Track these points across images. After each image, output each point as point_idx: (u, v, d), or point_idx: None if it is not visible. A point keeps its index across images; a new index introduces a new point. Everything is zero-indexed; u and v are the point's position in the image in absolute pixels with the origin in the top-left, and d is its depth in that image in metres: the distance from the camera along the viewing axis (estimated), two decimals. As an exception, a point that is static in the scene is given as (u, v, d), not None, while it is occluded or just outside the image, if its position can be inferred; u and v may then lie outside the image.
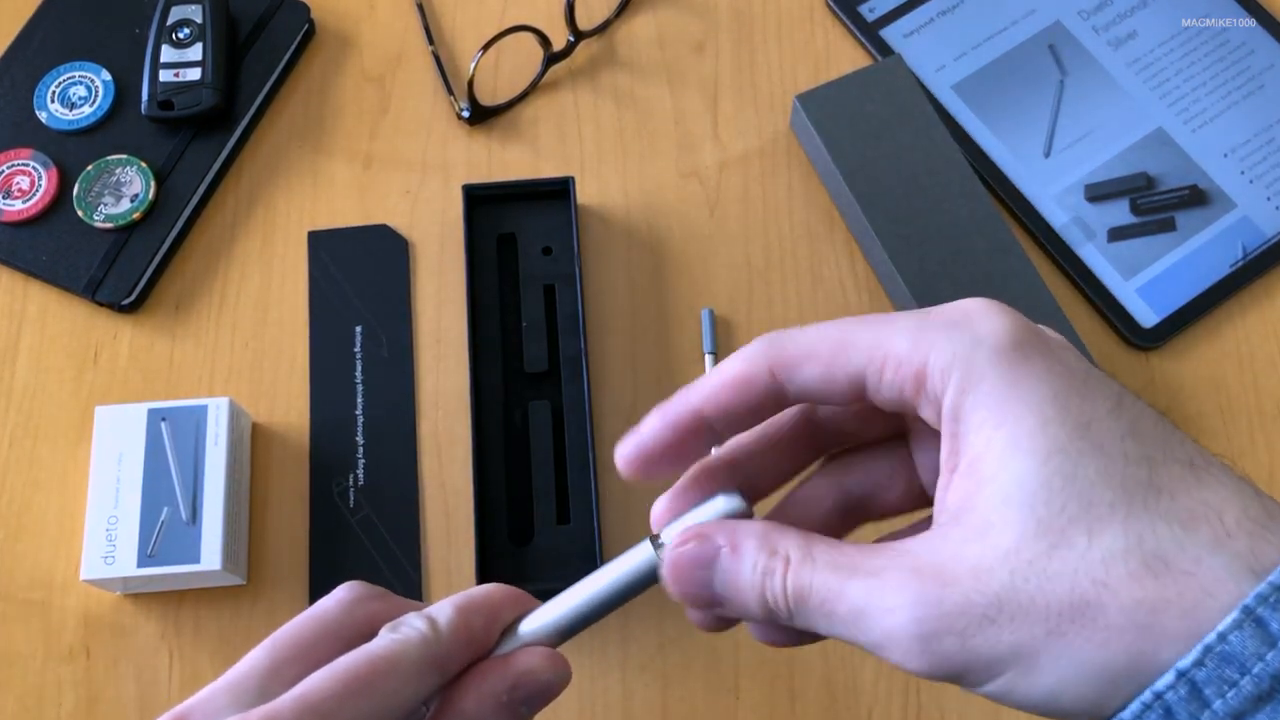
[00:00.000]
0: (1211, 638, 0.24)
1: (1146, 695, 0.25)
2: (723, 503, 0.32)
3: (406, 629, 0.31)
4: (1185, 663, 0.24)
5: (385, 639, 0.31)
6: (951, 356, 0.27)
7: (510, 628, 0.33)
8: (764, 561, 0.29)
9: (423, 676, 0.30)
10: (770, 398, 0.30)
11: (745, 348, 0.30)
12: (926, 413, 0.29)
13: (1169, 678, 0.24)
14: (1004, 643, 0.25)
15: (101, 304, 0.62)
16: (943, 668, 0.26)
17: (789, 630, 0.31)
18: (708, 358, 0.61)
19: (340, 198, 0.65)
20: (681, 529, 0.31)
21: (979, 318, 0.28)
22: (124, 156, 0.64)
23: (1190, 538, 0.25)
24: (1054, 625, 0.25)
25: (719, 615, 0.32)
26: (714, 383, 0.30)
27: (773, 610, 0.29)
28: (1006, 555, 0.26)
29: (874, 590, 0.27)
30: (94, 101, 0.65)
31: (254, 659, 0.31)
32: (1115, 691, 0.25)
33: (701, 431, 0.31)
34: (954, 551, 0.26)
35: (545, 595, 0.54)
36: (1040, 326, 0.29)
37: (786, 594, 0.29)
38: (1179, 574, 0.25)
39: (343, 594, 0.33)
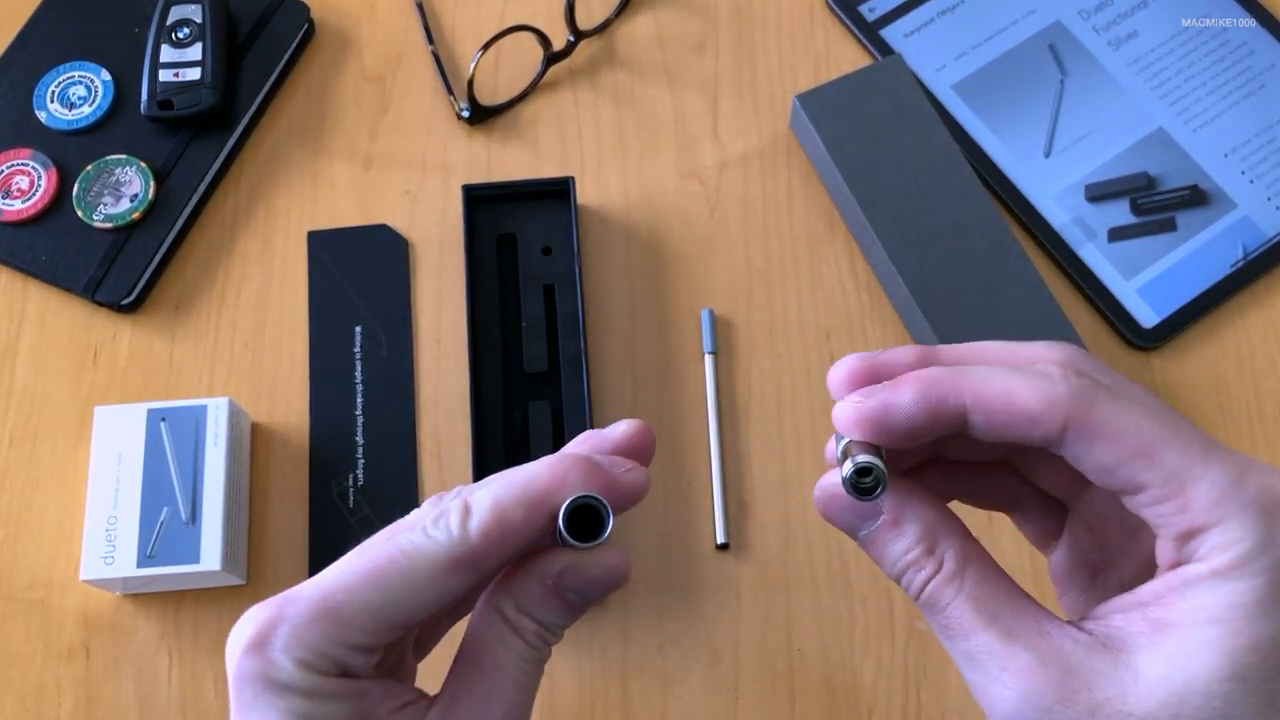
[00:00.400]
0: None
1: None
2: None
3: (441, 522, 0.31)
4: None
5: (415, 533, 0.31)
6: (1236, 540, 0.27)
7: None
8: (917, 554, 0.30)
9: (445, 577, 0.30)
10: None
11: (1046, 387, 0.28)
12: (1162, 543, 0.28)
13: None
14: None
15: (101, 304, 0.61)
16: None
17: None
18: (708, 358, 0.61)
19: (340, 198, 0.65)
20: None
21: (1256, 555, 0.27)
22: (123, 156, 0.63)
23: None
24: None
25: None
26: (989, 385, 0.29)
27: (901, 587, 0.30)
28: (1129, 712, 0.26)
29: (997, 655, 0.28)
30: (93, 101, 0.65)
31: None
32: None
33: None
34: (1094, 669, 0.27)
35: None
36: None
37: (921, 593, 0.30)
38: None
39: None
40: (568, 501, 0.31)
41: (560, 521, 0.31)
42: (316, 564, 0.57)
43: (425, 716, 0.31)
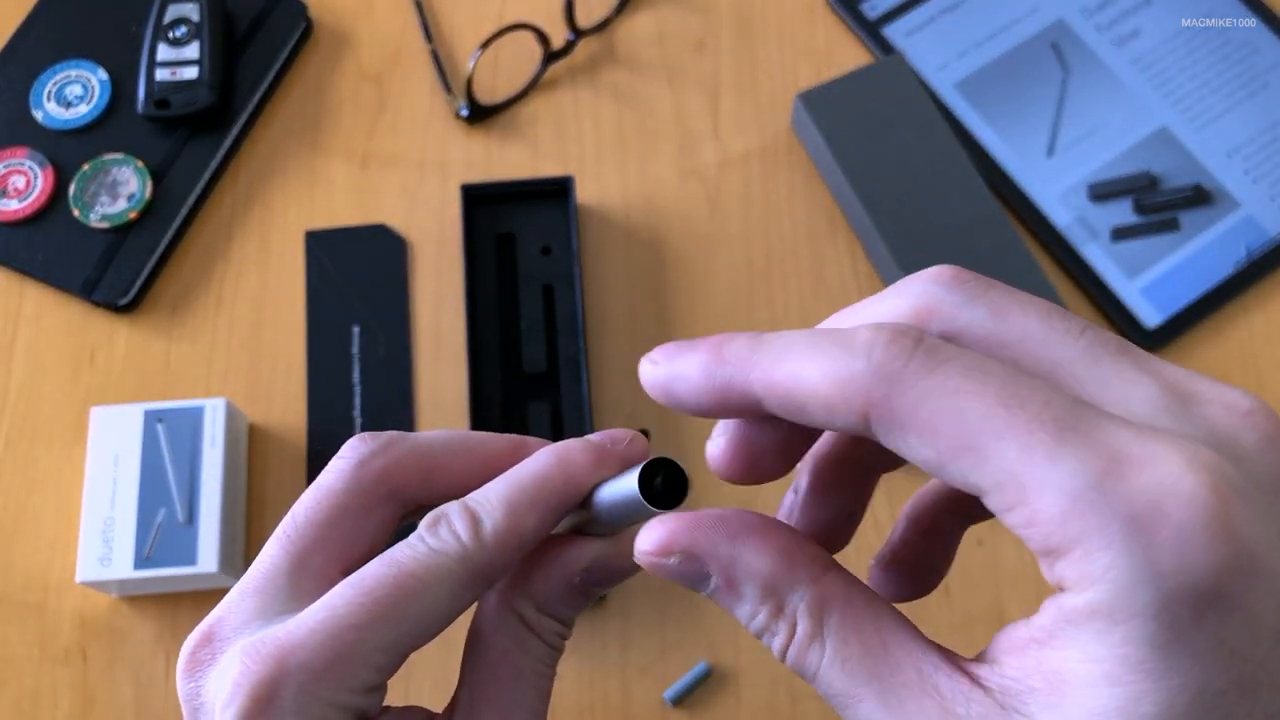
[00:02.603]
0: None
1: None
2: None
3: (445, 533, 0.27)
4: None
5: (418, 549, 0.27)
6: (1104, 571, 0.20)
7: (589, 497, 0.29)
8: (763, 619, 0.24)
9: (460, 593, 0.27)
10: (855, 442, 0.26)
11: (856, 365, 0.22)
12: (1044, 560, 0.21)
13: None
14: None
15: (98, 304, 0.61)
16: None
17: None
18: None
19: (338, 197, 0.65)
20: (660, 526, 0.25)
21: (1171, 536, 0.19)
22: (120, 156, 0.63)
23: None
24: None
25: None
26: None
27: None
28: None
29: (891, 713, 0.22)
30: (90, 100, 0.64)
31: (274, 557, 0.28)
32: None
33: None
34: None
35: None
36: (1257, 549, 0.20)
37: (786, 660, 0.24)
38: None
39: (344, 459, 0.30)
40: (641, 466, 0.27)
41: (638, 489, 0.27)
42: (314, 566, 0.57)
43: None
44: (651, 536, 0.25)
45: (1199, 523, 0.19)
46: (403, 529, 0.30)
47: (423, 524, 0.28)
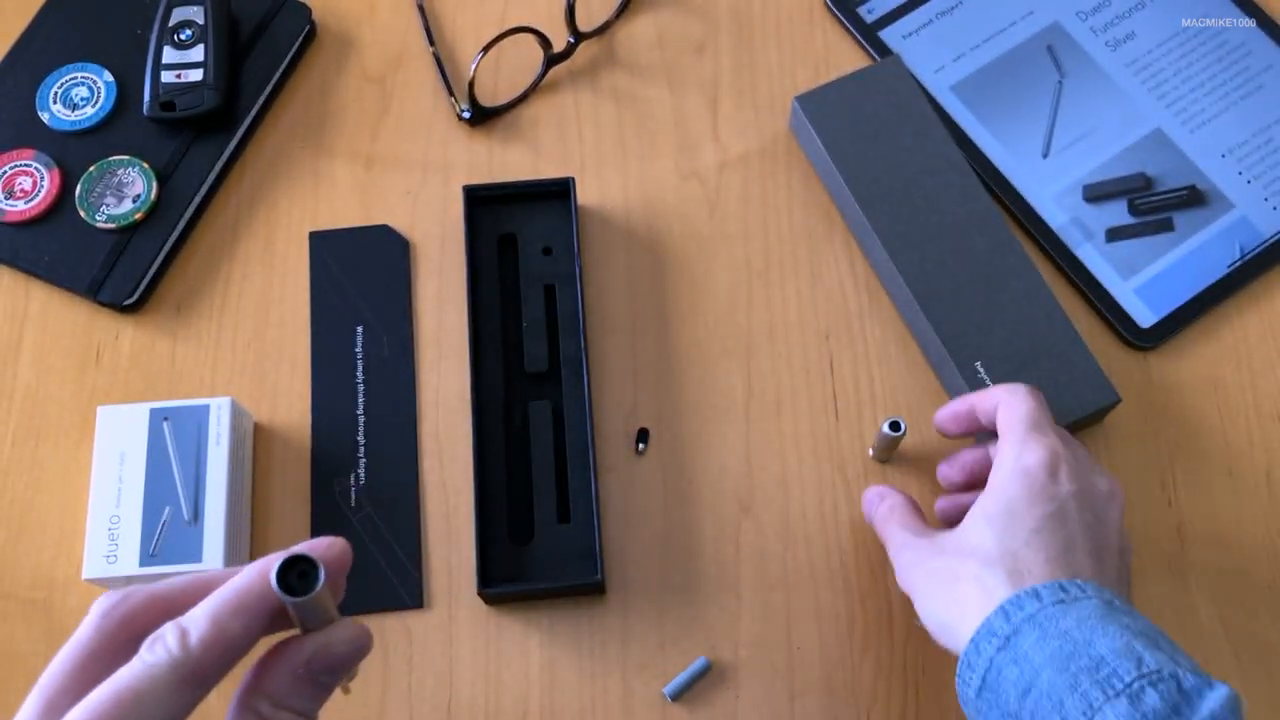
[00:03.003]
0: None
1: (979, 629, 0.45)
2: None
3: (159, 648, 0.31)
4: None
5: (134, 666, 0.31)
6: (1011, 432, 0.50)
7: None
8: (872, 494, 0.56)
9: (178, 696, 0.31)
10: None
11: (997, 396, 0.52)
12: None
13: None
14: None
15: (103, 304, 0.62)
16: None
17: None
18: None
19: (341, 198, 0.65)
20: None
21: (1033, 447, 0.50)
22: (126, 157, 0.64)
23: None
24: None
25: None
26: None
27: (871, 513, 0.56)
28: (969, 547, 0.48)
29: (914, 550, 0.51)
30: (96, 102, 0.65)
31: (28, 708, 0.32)
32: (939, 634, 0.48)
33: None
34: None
35: (544, 594, 0.54)
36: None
37: (876, 519, 0.55)
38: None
39: (92, 614, 0.34)
40: (275, 565, 0.32)
41: (274, 584, 0.32)
42: (318, 563, 0.57)
43: None
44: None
45: (1044, 441, 0.49)
46: None
47: (144, 645, 0.32)
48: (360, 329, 0.62)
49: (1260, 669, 0.55)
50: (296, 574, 0.32)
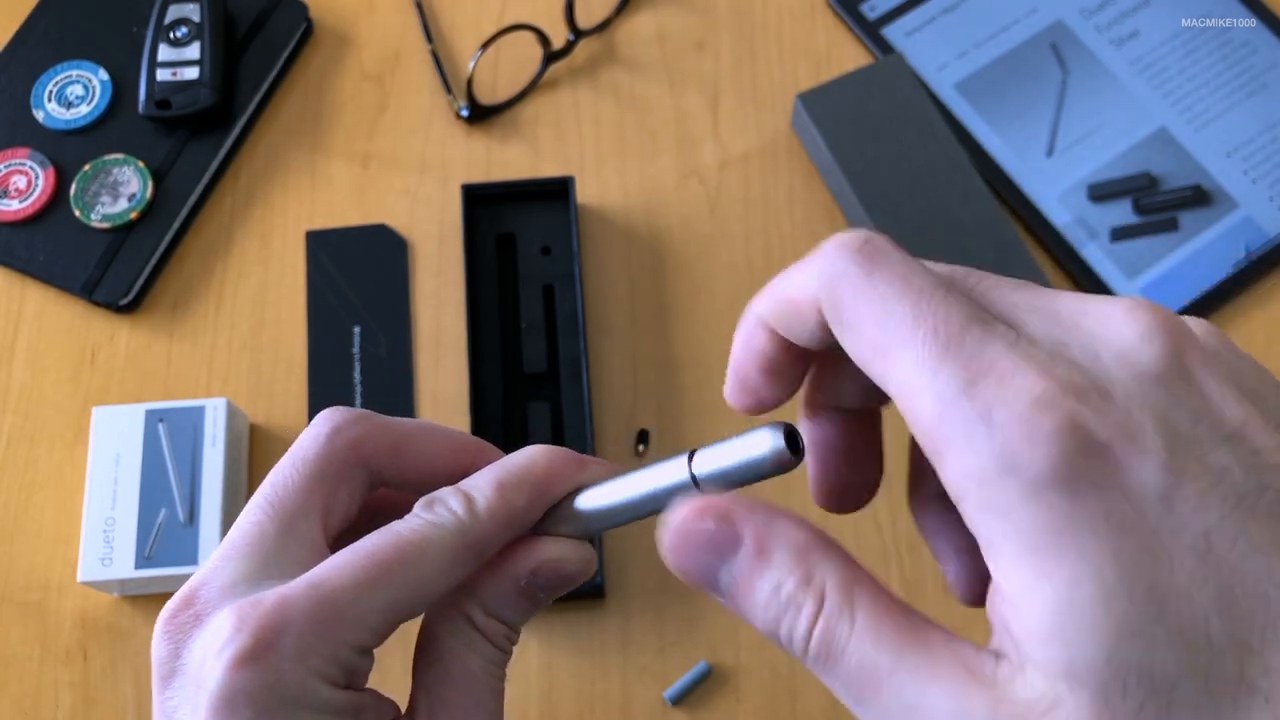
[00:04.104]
0: None
1: None
2: (766, 440, 0.26)
3: (441, 509, 0.28)
4: None
5: (416, 520, 0.28)
6: (970, 470, 0.21)
7: (557, 506, 0.30)
8: (791, 588, 0.23)
9: (456, 563, 0.28)
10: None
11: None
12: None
13: None
14: None
15: (98, 304, 0.61)
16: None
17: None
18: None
19: (339, 197, 0.65)
20: (698, 498, 0.25)
21: (1020, 431, 0.21)
22: (121, 156, 0.63)
23: None
24: None
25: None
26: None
27: (782, 643, 0.24)
28: None
29: (925, 683, 0.22)
30: (91, 100, 0.65)
31: (258, 522, 0.28)
32: None
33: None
34: (1001, 678, 0.21)
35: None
36: (1114, 418, 0.21)
37: (809, 641, 0.23)
38: None
39: (318, 428, 0.30)
40: (779, 427, 0.26)
41: (781, 441, 0.26)
42: (315, 565, 0.57)
43: None
44: (687, 505, 0.25)
45: (1043, 418, 0.21)
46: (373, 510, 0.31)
47: (418, 504, 0.29)
48: (357, 329, 0.62)
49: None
50: (785, 435, 0.26)
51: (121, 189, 0.63)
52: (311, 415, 0.60)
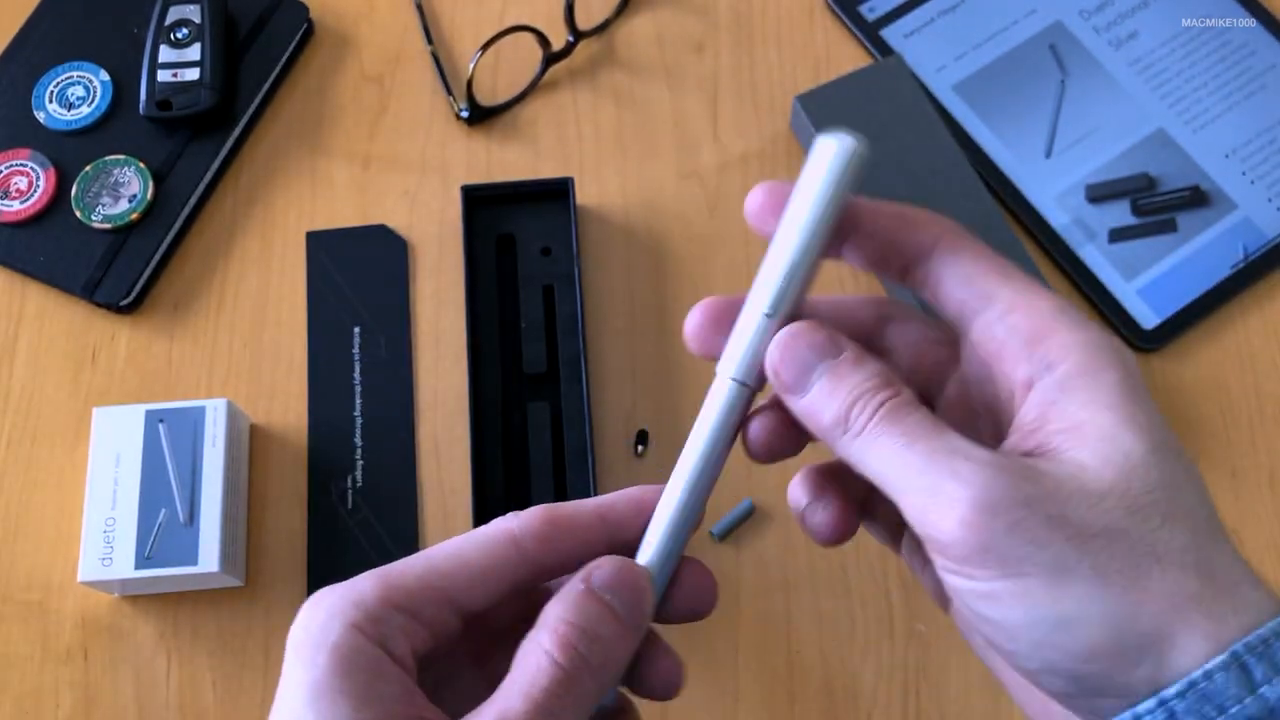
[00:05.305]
0: (1197, 674, 0.26)
1: (1125, 715, 0.27)
2: (832, 146, 0.33)
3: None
4: (1169, 693, 0.26)
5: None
6: (1078, 342, 0.29)
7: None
8: (873, 384, 0.30)
9: (496, 550, 0.32)
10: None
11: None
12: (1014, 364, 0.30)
13: (1150, 704, 0.26)
14: (1051, 546, 0.26)
15: (99, 305, 0.61)
16: (976, 540, 0.27)
17: (797, 441, 0.33)
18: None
19: (339, 198, 0.65)
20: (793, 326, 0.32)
21: (1106, 339, 0.30)
22: (122, 157, 0.63)
23: (1238, 566, 0.28)
24: (1101, 561, 0.26)
25: (770, 428, 0.34)
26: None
27: (847, 422, 0.30)
28: (1093, 492, 0.27)
29: (962, 448, 0.28)
30: (92, 101, 0.65)
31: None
32: (1102, 657, 0.27)
33: None
34: (1040, 470, 0.28)
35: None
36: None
37: (876, 411, 0.29)
38: (1219, 586, 0.27)
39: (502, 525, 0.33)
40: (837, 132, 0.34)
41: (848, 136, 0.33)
42: (315, 565, 0.57)
43: None
44: (800, 322, 0.33)
45: (1112, 344, 0.29)
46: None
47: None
48: (357, 330, 0.62)
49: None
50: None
51: (122, 190, 0.63)
52: (311, 415, 0.60)
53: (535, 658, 0.30)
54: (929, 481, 0.28)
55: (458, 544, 0.31)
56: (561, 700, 0.29)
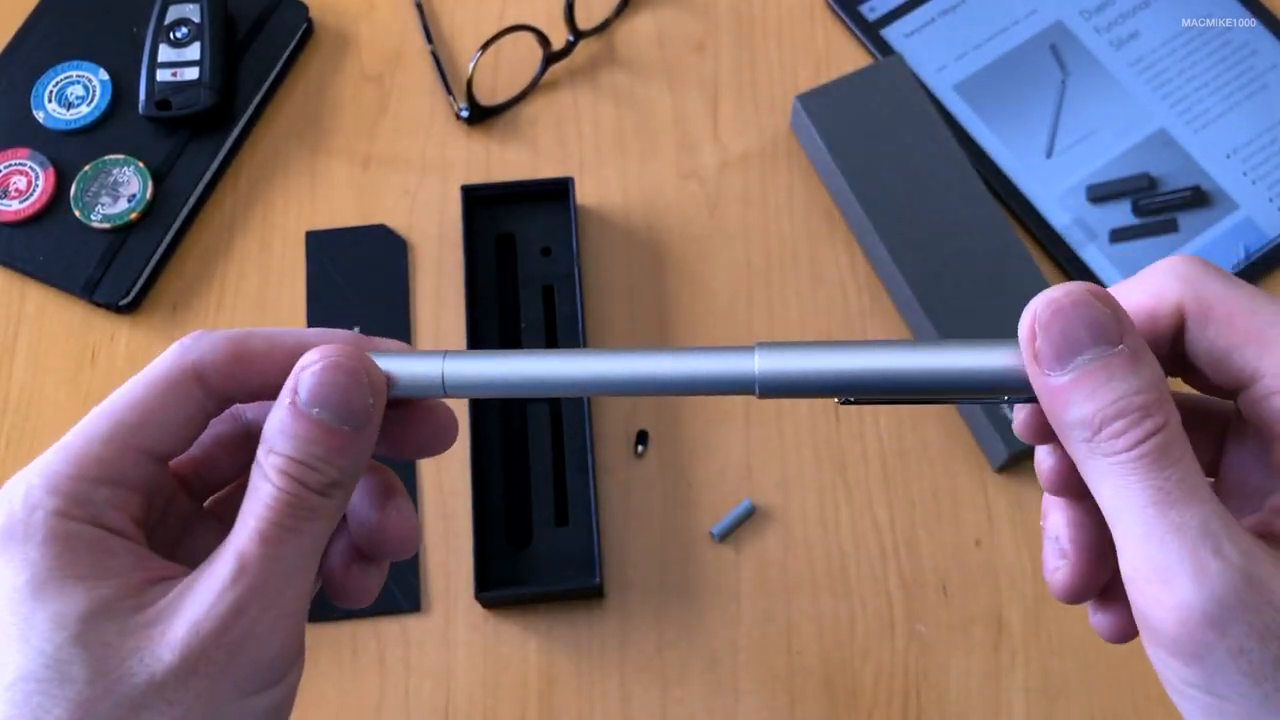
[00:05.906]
0: None
1: None
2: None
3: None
4: None
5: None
6: None
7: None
8: (1147, 400, 0.25)
9: (170, 386, 0.30)
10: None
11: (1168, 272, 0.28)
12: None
13: None
14: (1265, 685, 0.24)
15: (99, 304, 0.61)
16: (1192, 648, 0.24)
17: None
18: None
19: (339, 198, 0.65)
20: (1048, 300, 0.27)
21: None
22: (121, 156, 0.63)
23: None
24: None
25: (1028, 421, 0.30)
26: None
27: (1097, 433, 0.26)
28: None
29: (1215, 531, 0.24)
30: (91, 101, 0.65)
31: (82, 429, 0.30)
32: None
33: None
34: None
35: (542, 598, 0.54)
36: None
37: (1143, 444, 0.25)
38: None
39: (166, 351, 0.32)
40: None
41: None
42: (314, 566, 0.57)
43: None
44: (1079, 284, 0.27)
45: None
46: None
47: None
48: (357, 329, 0.62)
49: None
50: None
51: (122, 189, 0.63)
52: (311, 415, 0.60)
53: (261, 488, 0.28)
54: (1165, 559, 0.24)
55: (135, 392, 0.29)
56: (296, 523, 0.28)
